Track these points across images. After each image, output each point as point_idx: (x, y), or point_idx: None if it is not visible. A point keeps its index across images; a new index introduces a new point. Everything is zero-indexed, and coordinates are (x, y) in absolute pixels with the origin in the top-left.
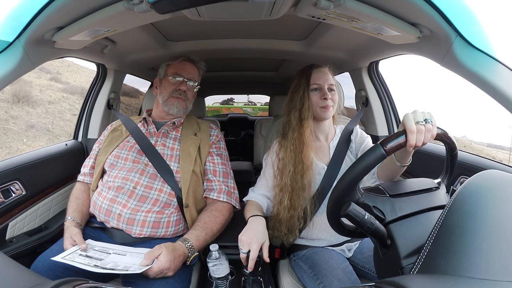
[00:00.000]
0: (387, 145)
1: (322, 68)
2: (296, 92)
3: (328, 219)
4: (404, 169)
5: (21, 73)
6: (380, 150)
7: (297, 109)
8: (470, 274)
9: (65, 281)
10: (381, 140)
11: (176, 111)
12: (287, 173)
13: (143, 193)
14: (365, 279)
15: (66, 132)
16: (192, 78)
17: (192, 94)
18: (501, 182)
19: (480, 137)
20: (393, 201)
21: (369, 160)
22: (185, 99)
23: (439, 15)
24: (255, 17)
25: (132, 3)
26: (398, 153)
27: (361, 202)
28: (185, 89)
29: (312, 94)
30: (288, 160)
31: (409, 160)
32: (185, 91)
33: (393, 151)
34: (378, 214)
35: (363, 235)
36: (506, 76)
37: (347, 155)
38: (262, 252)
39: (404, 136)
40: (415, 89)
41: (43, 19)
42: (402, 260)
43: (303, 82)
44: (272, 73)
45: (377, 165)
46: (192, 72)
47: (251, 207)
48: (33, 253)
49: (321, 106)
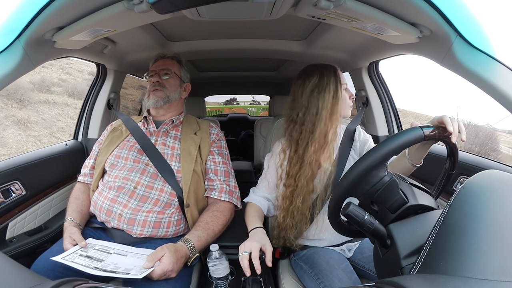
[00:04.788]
0: (425, 129)
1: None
2: (324, 90)
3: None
4: (413, 171)
5: (21, 73)
6: (419, 132)
7: (327, 108)
8: (470, 274)
9: (65, 281)
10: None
11: (153, 103)
12: (296, 177)
13: (144, 193)
14: (365, 279)
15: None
16: (165, 69)
17: (170, 82)
18: (501, 182)
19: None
20: (413, 189)
21: (405, 138)
22: (161, 89)
23: (439, 15)
24: (255, 17)
25: (132, 3)
26: (414, 152)
27: (388, 179)
28: (157, 79)
29: (345, 93)
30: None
31: (421, 162)
32: (159, 81)
33: (430, 138)
34: (402, 196)
35: (364, 234)
36: (506, 76)
37: (350, 155)
38: (265, 255)
39: (440, 128)
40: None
41: (43, 19)
42: (402, 260)
43: (332, 80)
44: (272, 73)
45: (410, 146)
46: (165, 64)
47: (251, 213)
48: (33, 253)
49: (350, 105)
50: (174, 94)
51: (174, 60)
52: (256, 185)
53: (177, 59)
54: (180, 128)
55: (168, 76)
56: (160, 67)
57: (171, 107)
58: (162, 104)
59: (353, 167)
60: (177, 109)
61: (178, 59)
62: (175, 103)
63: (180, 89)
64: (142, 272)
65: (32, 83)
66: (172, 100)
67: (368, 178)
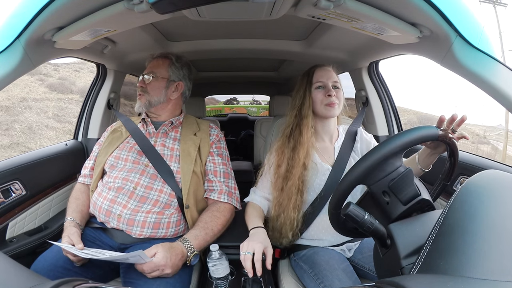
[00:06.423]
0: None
1: (326, 66)
2: (297, 92)
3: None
4: (420, 175)
5: (21, 73)
6: (436, 131)
7: (296, 108)
8: (470, 274)
9: (65, 281)
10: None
11: (137, 108)
12: (286, 174)
13: (143, 193)
14: (365, 279)
15: None
16: (149, 72)
17: (153, 86)
18: (501, 182)
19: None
20: (423, 184)
21: (419, 134)
22: (144, 94)
23: (439, 15)
24: (255, 17)
25: (132, 3)
26: (425, 158)
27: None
28: (141, 84)
29: (316, 92)
30: (287, 160)
31: (430, 167)
32: (142, 86)
33: (444, 139)
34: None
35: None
36: (506, 76)
37: (351, 156)
38: (266, 257)
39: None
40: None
41: (43, 19)
42: (402, 260)
43: (304, 81)
44: (272, 73)
45: (422, 142)
46: (151, 67)
47: (252, 213)
48: (33, 253)
49: (325, 103)
50: (158, 97)
51: (164, 58)
52: (257, 185)
53: (167, 56)
54: (179, 129)
55: (151, 80)
56: (147, 70)
57: (161, 109)
58: (145, 109)
59: (372, 152)
60: (171, 110)
61: (168, 56)
62: (164, 105)
63: (166, 91)
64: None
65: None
66: (155, 104)
67: (384, 166)
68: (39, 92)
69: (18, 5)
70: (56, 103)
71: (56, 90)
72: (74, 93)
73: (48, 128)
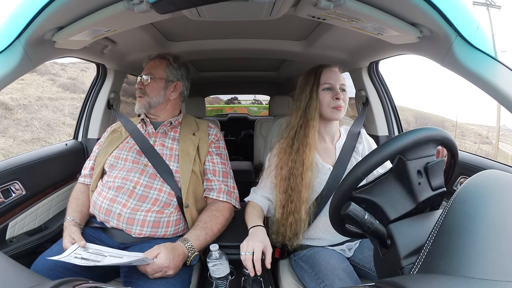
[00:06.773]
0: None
1: (333, 67)
2: (302, 91)
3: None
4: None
5: (21, 73)
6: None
7: (302, 109)
8: (470, 274)
9: (65, 281)
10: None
11: (136, 110)
12: (289, 176)
13: (143, 192)
14: (365, 278)
15: None
16: (148, 73)
17: (152, 87)
18: (501, 182)
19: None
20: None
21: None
22: (143, 96)
23: (439, 15)
24: (255, 17)
25: (132, 3)
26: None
27: (439, 159)
28: (139, 86)
29: (324, 94)
30: (291, 162)
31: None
32: (141, 88)
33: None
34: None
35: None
36: (506, 76)
37: (352, 156)
38: (265, 256)
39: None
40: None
41: (43, 19)
42: (402, 260)
43: (311, 80)
44: (272, 73)
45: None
46: (149, 68)
47: (252, 212)
48: (33, 253)
49: (333, 106)
50: (157, 98)
51: (162, 59)
52: (257, 184)
53: (165, 57)
54: (178, 129)
55: (149, 81)
56: (144, 71)
57: (160, 110)
58: (145, 111)
59: (410, 132)
60: (170, 111)
61: (165, 57)
62: (163, 105)
63: (165, 91)
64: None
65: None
66: (155, 105)
67: (424, 147)
68: (52, 91)
69: (18, 5)
70: (70, 102)
71: (68, 90)
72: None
73: (65, 125)
